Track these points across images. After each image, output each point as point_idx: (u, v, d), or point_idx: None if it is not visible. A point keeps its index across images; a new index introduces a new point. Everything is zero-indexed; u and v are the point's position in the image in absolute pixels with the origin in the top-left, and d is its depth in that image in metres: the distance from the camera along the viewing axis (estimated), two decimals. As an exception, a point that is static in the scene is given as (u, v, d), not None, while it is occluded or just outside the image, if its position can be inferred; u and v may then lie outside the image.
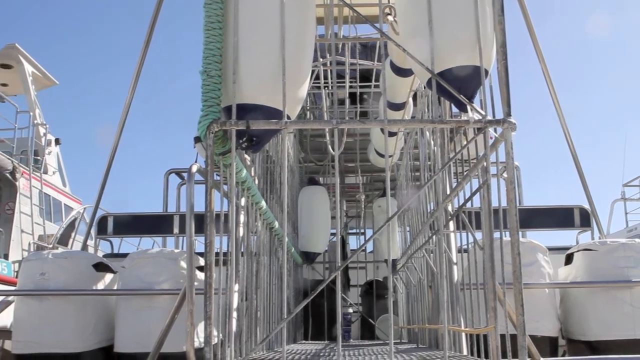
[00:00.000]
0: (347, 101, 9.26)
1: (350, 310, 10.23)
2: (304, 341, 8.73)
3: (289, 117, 3.18)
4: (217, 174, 3.42)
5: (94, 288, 6.04)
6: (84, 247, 8.65)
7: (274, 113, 3.16)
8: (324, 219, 8.76)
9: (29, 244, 13.70)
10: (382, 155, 8.47)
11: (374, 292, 9.96)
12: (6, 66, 16.73)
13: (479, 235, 3.69)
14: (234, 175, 3.20)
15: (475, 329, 3.94)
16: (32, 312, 5.85)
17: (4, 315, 6.12)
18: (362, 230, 13.18)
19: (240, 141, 3.13)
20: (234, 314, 3.65)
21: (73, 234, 14.99)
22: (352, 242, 13.93)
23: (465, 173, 3.95)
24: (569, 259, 6.44)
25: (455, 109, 4.12)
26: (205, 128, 3.03)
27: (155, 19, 8.15)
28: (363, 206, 11.79)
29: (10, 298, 6.07)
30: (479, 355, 3.92)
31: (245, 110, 3.14)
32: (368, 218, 12.04)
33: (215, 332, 3.12)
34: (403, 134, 7.44)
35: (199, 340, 4.84)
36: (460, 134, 5.75)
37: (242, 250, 4.10)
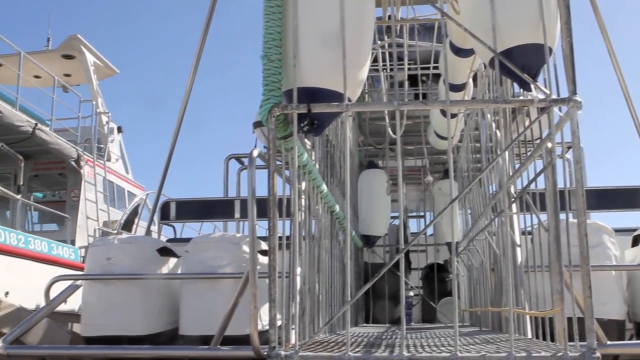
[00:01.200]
0: (406, 83, 9.18)
1: (411, 293, 10.19)
2: (365, 324, 8.74)
3: (349, 100, 3.17)
4: (277, 159, 3.43)
5: (159, 272, 6.14)
6: (148, 232, 8.81)
7: (334, 96, 3.15)
8: (384, 203, 8.73)
9: (94, 230, 13.99)
10: (442, 138, 8.39)
11: (435, 275, 9.90)
12: (69, 57, 17.09)
13: (543, 216, 3.63)
14: (296, 159, 3.21)
15: (541, 312, 3.89)
16: (99, 296, 5.98)
17: (72, 299, 6.27)
18: (422, 214, 13.09)
19: (302, 125, 3.14)
20: (296, 298, 3.66)
21: (136, 220, 15.26)
22: (412, 225, 13.87)
23: (528, 154, 3.88)
24: (635, 241, 6.28)
25: (516, 90, 4.05)
26: (266, 112, 3.04)
27: (214, 4, 8.20)
28: (424, 189, 11.71)
29: (78, 282, 6.20)
30: (544, 339, 3.87)
31: (306, 94, 3.13)
32: (428, 201, 11.96)
33: (278, 315, 3.14)
34: (463, 115, 7.35)
35: (261, 323, 4.88)
36: (522, 114, 5.66)
37: (303, 234, 4.11)
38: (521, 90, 3.38)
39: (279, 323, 3.16)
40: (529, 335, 4.56)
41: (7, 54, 14.45)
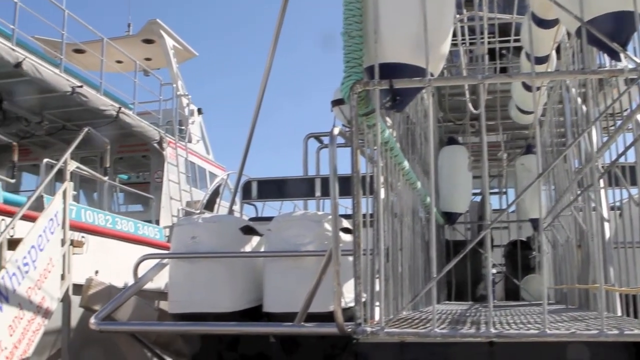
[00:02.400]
0: (486, 57, 9.00)
1: (494, 270, 10.06)
2: (447, 302, 8.69)
3: (432, 75, 3.13)
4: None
5: (242, 250, 6.22)
6: (230, 211, 8.93)
7: (416, 71, 3.12)
8: (465, 179, 8.63)
9: (178, 210, 14.28)
10: (524, 112, 8.21)
11: (518, 252, 9.74)
12: (149, 41, 17.41)
13: (633, 191, 3.52)
14: (379, 135, 3.20)
15: (632, 289, 3.78)
16: (185, 274, 6.10)
17: (158, 277, 6.42)
18: (504, 190, 12.87)
19: (384, 101, 3.12)
20: (381, 275, 3.66)
21: (218, 200, 15.47)
22: (493, 202, 13.66)
23: (616, 126, 3.76)
24: None
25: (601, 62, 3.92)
26: (348, 89, 3.03)
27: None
28: (505, 165, 11.51)
29: (165, 261, 6.35)
30: (635, 316, 3.77)
31: (388, 70, 3.11)
32: (509, 177, 11.75)
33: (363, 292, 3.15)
34: (546, 88, 7.16)
35: (344, 300, 4.91)
36: (609, 85, 5.48)
37: (385, 210, 4.10)
38: (607, 61, 3.28)
39: (363, 300, 3.17)
40: (619, 312, 4.45)
41: (90, 41, 14.83)
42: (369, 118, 3.25)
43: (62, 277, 7.18)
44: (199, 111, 17.68)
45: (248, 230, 6.30)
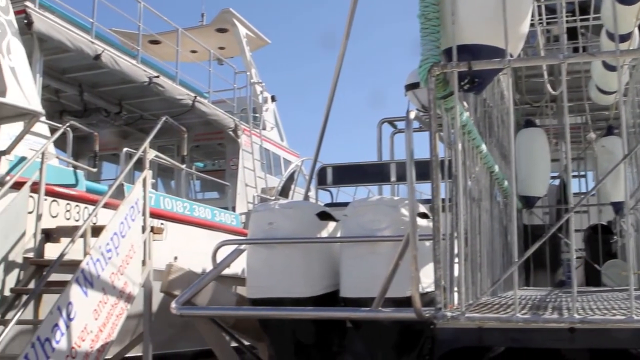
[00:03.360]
0: (564, 37, 8.77)
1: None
2: (525, 287, 8.54)
3: (511, 56, 3.07)
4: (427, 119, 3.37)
5: (318, 236, 6.24)
6: (306, 197, 8.97)
7: (495, 52, 3.06)
8: (544, 162, 8.45)
9: (253, 197, 14.43)
10: (604, 92, 7.97)
11: (599, 236, 9.49)
12: (222, 30, 17.60)
13: None
14: (458, 119, 3.15)
15: None
16: (263, 260, 6.16)
17: (235, 263, 6.50)
18: (583, 173, 12.54)
19: (462, 83, 3.07)
20: (461, 259, 3.62)
21: (293, 186, 15.57)
22: (574, 185, 13.32)
23: None
24: None
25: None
26: (426, 72, 3.00)
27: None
28: (584, 147, 11.21)
29: (242, 247, 6.43)
30: None
31: (465, 51, 3.06)
32: (589, 159, 11.45)
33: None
34: (628, 67, 6.93)
35: (421, 285, 4.88)
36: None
37: (464, 194, 4.05)
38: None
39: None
40: None
41: (165, 32, 15.12)
42: (447, 101, 3.21)
43: (143, 263, 7.37)
44: (273, 98, 17.79)
45: (324, 216, 6.32)
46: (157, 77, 12.08)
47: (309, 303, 5.85)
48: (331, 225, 6.41)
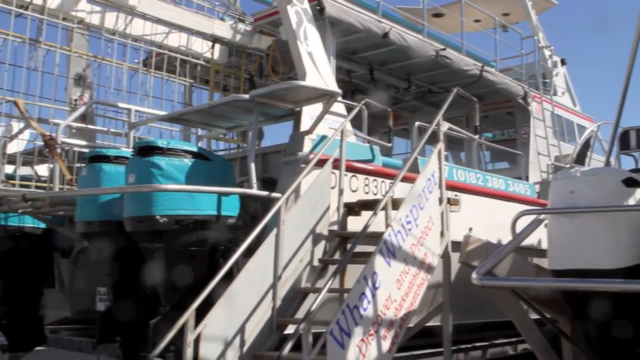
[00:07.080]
0: None
1: None
2: None
3: None
4: None
5: (625, 204, 5.88)
6: (607, 164, 8.50)
7: None
8: None
9: (547, 166, 13.98)
10: None
11: None
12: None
13: None
14: None
15: None
16: (564, 230, 5.96)
17: (533, 234, 6.34)
18: None
19: None
20: None
21: (589, 153, 14.84)
22: None
23: None
24: None
25: None
26: None
27: None
28: None
29: (542, 217, 6.25)
30: None
31: None
32: None
33: None
34: None
35: None
36: None
37: None
38: None
39: None
40: None
41: (448, 4, 15.11)
42: None
43: (441, 234, 7.47)
44: (563, 62, 17.00)
45: (631, 183, 5.94)
46: (444, 49, 12.11)
47: (617, 275, 5.55)
48: (638, 192, 6.01)
